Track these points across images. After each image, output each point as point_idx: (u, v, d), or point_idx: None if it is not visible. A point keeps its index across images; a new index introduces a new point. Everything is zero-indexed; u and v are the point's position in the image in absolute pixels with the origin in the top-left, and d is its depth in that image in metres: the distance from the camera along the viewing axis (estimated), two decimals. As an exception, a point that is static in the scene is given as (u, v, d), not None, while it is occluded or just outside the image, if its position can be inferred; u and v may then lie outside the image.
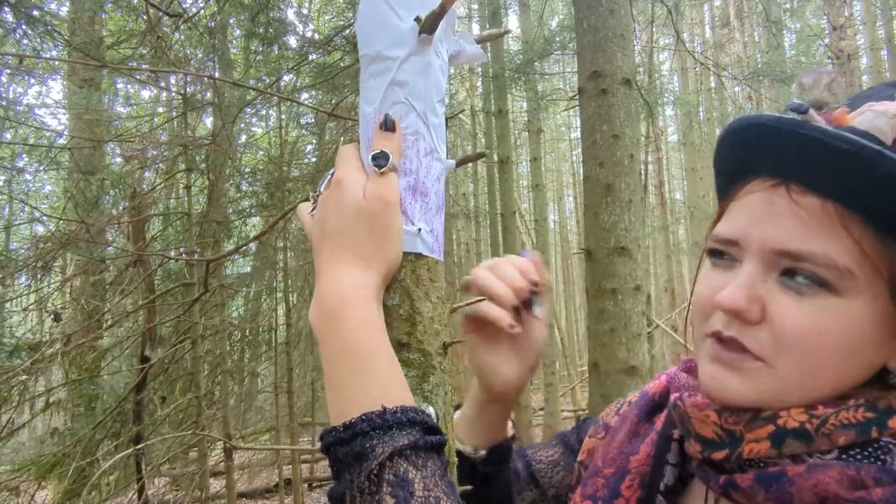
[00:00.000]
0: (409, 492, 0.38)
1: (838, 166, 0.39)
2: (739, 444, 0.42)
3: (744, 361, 0.42)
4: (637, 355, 2.60)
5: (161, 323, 3.77)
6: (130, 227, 3.46)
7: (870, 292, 0.40)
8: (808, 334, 0.40)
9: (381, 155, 0.47)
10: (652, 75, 9.73)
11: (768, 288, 0.42)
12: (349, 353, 0.43)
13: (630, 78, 2.68)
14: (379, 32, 0.47)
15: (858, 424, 0.40)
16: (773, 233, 0.41)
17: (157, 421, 4.08)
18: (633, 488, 0.50)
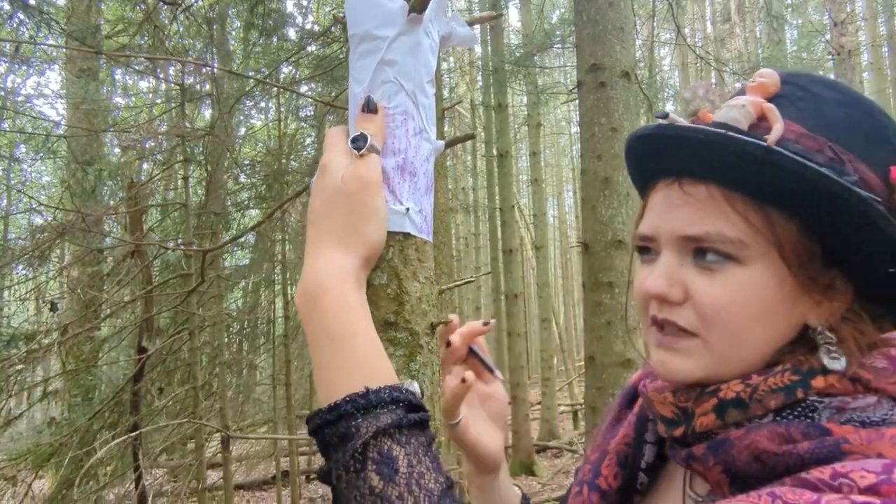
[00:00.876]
0: (394, 469, 0.39)
1: (704, 154, 0.45)
2: (692, 419, 0.46)
3: (681, 341, 0.47)
4: (633, 349, 2.61)
5: (158, 313, 3.77)
6: (128, 217, 3.45)
7: (766, 257, 0.45)
8: (724, 304, 0.45)
9: (360, 137, 0.47)
10: (653, 70, 9.70)
11: (685, 270, 0.47)
12: (329, 337, 0.44)
13: (629, 71, 2.68)
14: (368, 12, 0.47)
15: (785, 388, 0.44)
16: (675, 222, 0.47)
17: (155, 411, 4.09)
18: (610, 466, 0.53)
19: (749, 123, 0.46)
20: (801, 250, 0.45)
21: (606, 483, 0.53)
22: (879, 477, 0.37)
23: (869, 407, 0.43)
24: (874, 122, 0.47)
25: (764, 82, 0.48)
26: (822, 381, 0.44)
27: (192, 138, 3.78)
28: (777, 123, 0.45)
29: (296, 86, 6.24)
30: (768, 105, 0.46)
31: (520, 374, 8.12)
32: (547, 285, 9.84)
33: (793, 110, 0.46)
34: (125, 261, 3.74)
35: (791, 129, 0.45)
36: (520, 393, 7.94)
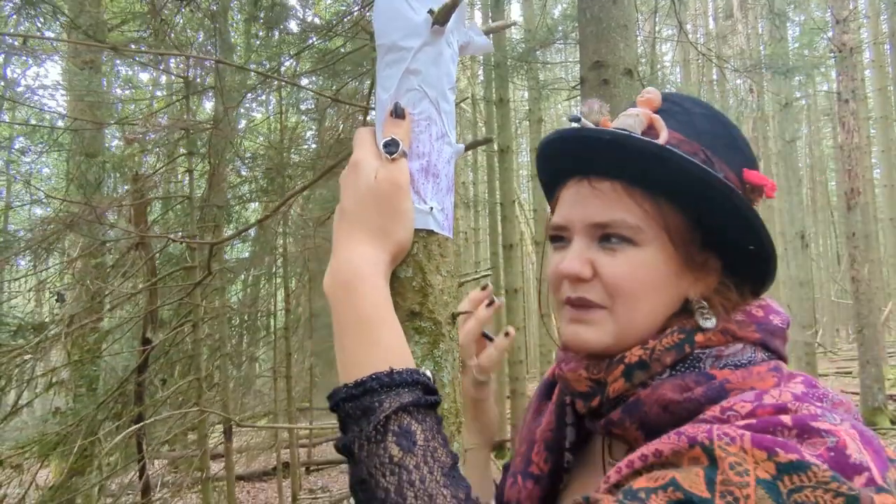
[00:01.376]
0: (412, 441, 0.43)
1: (608, 152, 0.54)
2: (605, 388, 0.54)
3: (591, 313, 0.55)
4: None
5: (162, 306, 3.80)
6: (132, 210, 3.48)
7: (657, 240, 0.54)
8: (624, 277, 0.54)
9: (391, 142, 0.51)
10: (654, 66, 9.70)
11: (593, 252, 0.55)
12: (360, 322, 0.48)
13: (632, 68, 2.70)
14: (395, 24, 0.50)
15: (676, 345, 0.53)
16: (585, 212, 0.55)
17: (158, 402, 4.13)
18: (540, 453, 0.60)
19: (641, 130, 0.55)
20: (684, 234, 0.54)
21: (538, 468, 0.59)
22: (754, 403, 0.46)
23: (737, 352, 0.53)
24: (729, 132, 0.58)
25: (650, 98, 0.58)
26: (702, 336, 0.53)
27: (196, 131, 3.80)
28: (663, 130, 0.55)
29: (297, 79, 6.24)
30: (656, 116, 0.56)
31: (519, 368, 8.17)
32: (546, 280, 9.84)
33: (672, 121, 0.56)
34: (129, 253, 3.76)
35: (673, 136, 0.55)
36: (518, 387, 8.00)
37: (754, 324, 0.55)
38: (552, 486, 0.59)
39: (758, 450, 0.42)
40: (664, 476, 0.43)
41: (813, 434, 0.43)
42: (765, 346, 0.55)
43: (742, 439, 0.43)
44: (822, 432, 0.43)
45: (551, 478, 0.59)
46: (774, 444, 0.42)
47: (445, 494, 0.42)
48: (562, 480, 0.59)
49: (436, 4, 0.50)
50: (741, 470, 0.41)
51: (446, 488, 0.42)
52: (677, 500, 0.41)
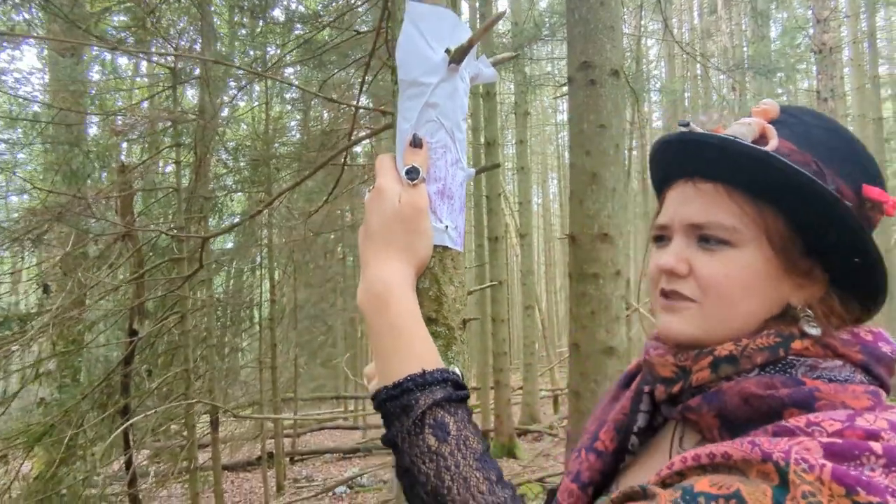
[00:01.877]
0: (446, 432, 0.50)
1: (716, 156, 0.56)
2: (689, 375, 0.55)
3: (681, 304, 0.57)
4: (615, 337, 2.72)
5: (151, 297, 3.79)
6: (119, 201, 3.45)
7: (756, 241, 0.55)
8: (719, 278, 0.55)
9: (412, 170, 0.58)
10: (640, 61, 9.80)
11: (691, 252, 0.57)
12: (393, 330, 0.54)
13: (618, 69, 2.76)
14: (416, 62, 0.56)
15: (769, 347, 0.53)
16: (686, 212, 0.57)
17: (144, 393, 4.13)
18: (609, 432, 0.63)
19: (752, 138, 0.57)
20: (784, 239, 0.55)
21: (603, 445, 0.62)
22: (844, 424, 0.46)
23: (836, 368, 0.52)
24: (850, 147, 0.58)
25: (766, 108, 0.60)
26: (800, 344, 0.53)
27: (182, 122, 3.77)
28: (773, 139, 0.56)
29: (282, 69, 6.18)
30: (769, 125, 0.57)
31: (502, 359, 8.28)
32: (531, 273, 9.99)
33: (786, 132, 0.58)
34: (115, 244, 3.74)
35: (784, 145, 0.56)
36: (502, 378, 8.11)
37: (860, 345, 0.54)
38: (614, 464, 0.61)
39: (837, 484, 0.41)
40: (729, 485, 0.43)
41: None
42: (867, 370, 0.53)
43: (822, 470, 0.42)
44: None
45: (614, 456, 0.62)
46: (857, 482, 0.41)
47: (478, 476, 0.49)
48: (623, 460, 0.62)
49: (451, 44, 0.56)
50: (814, 501, 0.41)
51: (479, 471, 0.49)
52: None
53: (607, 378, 2.73)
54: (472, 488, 0.48)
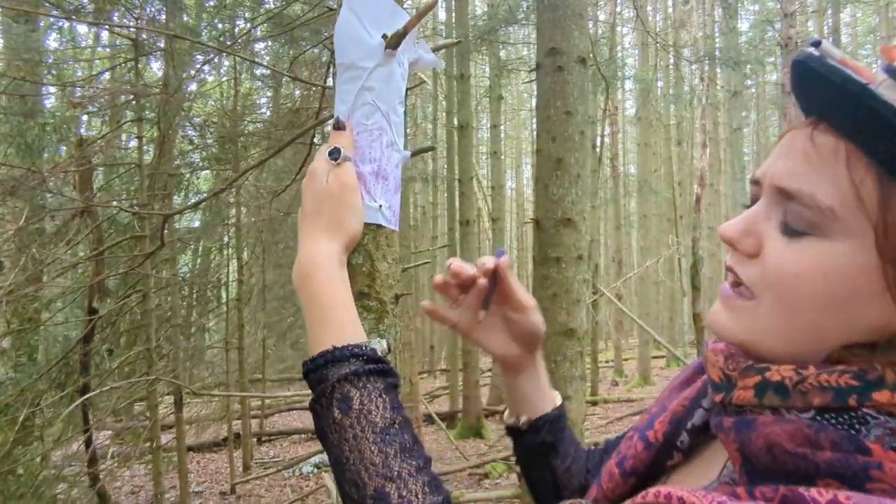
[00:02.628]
0: (349, 405, 0.52)
1: (839, 101, 0.39)
2: (732, 389, 0.44)
3: (737, 299, 0.44)
4: (576, 319, 2.80)
5: (110, 275, 3.71)
6: (77, 176, 3.35)
7: (857, 238, 0.39)
8: (787, 274, 0.40)
9: (335, 150, 0.59)
10: (613, 49, 9.87)
11: (769, 225, 0.43)
12: (316, 306, 0.57)
13: (585, 57, 2.79)
14: (353, 46, 0.58)
15: (837, 389, 0.39)
16: (780, 170, 0.42)
17: (105, 373, 4.06)
18: (664, 422, 0.54)
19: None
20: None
21: (655, 436, 0.54)
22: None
23: None
24: None
25: None
26: (889, 395, 0.38)
27: (145, 96, 3.67)
28: None
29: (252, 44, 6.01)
30: None
31: (472, 341, 8.39)
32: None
33: None
34: (73, 220, 3.64)
35: None
36: (471, 360, 8.22)
37: None
38: (661, 457, 0.53)
39: None
40: None
41: None
42: None
43: None
44: None
45: (662, 449, 0.53)
46: None
47: (373, 450, 0.50)
48: (672, 457, 0.53)
49: (389, 30, 0.58)
50: None
51: (374, 444, 0.51)
52: None
53: (566, 359, 2.81)
54: (365, 460, 0.50)
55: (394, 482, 0.49)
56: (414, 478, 0.49)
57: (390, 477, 0.49)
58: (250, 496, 5.95)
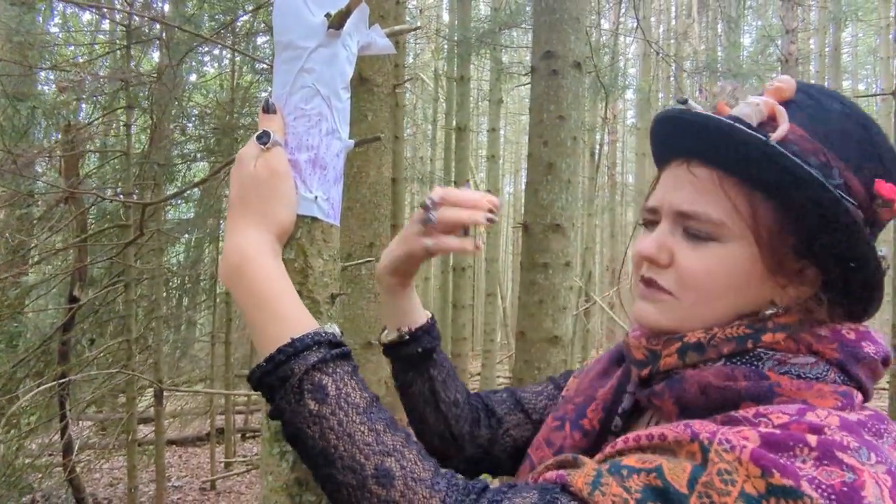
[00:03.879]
0: (325, 393, 0.49)
1: (712, 140, 0.52)
2: (658, 359, 0.55)
3: (659, 294, 0.55)
4: (561, 326, 2.77)
5: (92, 263, 3.66)
6: (63, 161, 3.30)
7: (743, 239, 0.51)
8: (699, 273, 0.52)
9: (264, 134, 0.55)
10: (615, 57, 9.87)
11: (676, 240, 0.54)
12: (256, 301, 0.52)
13: (581, 62, 2.76)
14: (292, 24, 0.53)
15: (738, 337, 0.52)
16: (675, 198, 0.54)
17: (85, 362, 4.00)
18: (596, 411, 0.61)
19: (759, 121, 0.52)
20: (775, 238, 0.51)
21: (590, 424, 0.61)
22: (792, 417, 0.44)
23: (807, 364, 0.50)
24: (869, 137, 0.53)
25: (781, 87, 0.54)
26: (771, 336, 0.51)
27: (136, 84, 3.62)
28: (783, 124, 0.51)
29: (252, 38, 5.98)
30: (779, 107, 0.52)
31: (462, 345, 8.34)
32: (496, 261, 10.05)
33: (801, 116, 0.52)
34: (58, 206, 3.58)
35: (794, 131, 0.51)
36: (461, 363, 8.18)
37: (838, 342, 0.51)
38: (597, 443, 0.60)
39: (753, 465, 0.41)
40: (653, 461, 0.44)
41: (833, 463, 0.41)
42: (843, 369, 0.50)
43: (742, 450, 0.42)
44: (844, 465, 0.41)
45: (599, 435, 0.60)
46: (774, 464, 0.41)
47: (362, 429, 0.48)
48: (607, 441, 0.59)
49: (333, 8, 0.53)
50: (728, 479, 0.41)
51: (362, 424, 0.48)
52: (654, 487, 0.43)
53: (550, 366, 2.77)
54: (357, 442, 0.48)
55: (391, 455, 0.48)
56: (408, 448, 0.49)
57: (387, 452, 0.48)
58: (230, 492, 5.88)
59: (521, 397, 0.77)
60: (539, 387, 0.78)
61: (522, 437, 0.74)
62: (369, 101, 1.66)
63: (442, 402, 0.72)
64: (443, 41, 10.22)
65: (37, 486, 3.78)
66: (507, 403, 0.76)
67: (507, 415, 0.75)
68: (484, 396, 0.78)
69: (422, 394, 0.72)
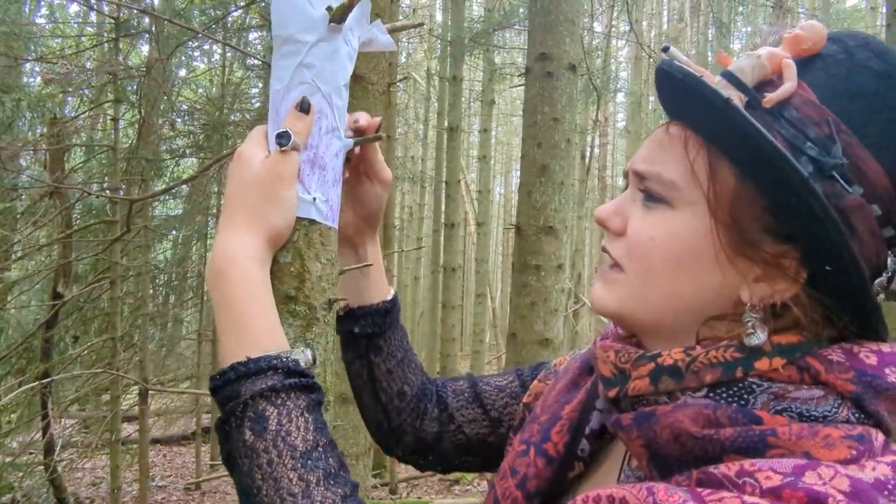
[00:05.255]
0: (263, 426, 0.44)
1: (681, 96, 0.45)
2: (626, 381, 0.45)
3: (610, 273, 0.48)
4: (552, 329, 2.77)
5: (77, 260, 3.59)
6: (48, 155, 3.24)
7: (696, 206, 0.43)
8: (643, 239, 0.45)
9: (284, 134, 0.51)
10: (608, 60, 9.91)
11: (634, 206, 0.47)
12: (229, 308, 0.49)
13: (575, 64, 2.76)
14: (292, 16, 0.51)
15: (725, 363, 0.41)
16: (638, 156, 0.48)
17: (68, 360, 3.93)
18: (562, 433, 0.52)
19: (760, 77, 0.43)
20: (736, 209, 0.42)
21: (555, 449, 0.52)
22: (786, 479, 0.35)
23: (812, 399, 0.40)
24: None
25: (800, 35, 0.44)
26: (767, 363, 0.41)
27: (125, 77, 3.56)
28: (787, 82, 0.42)
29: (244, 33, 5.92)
30: (787, 62, 0.43)
31: (451, 345, 8.34)
32: (486, 262, 10.05)
33: (820, 74, 0.43)
34: (42, 201, 3.52)
35: (800, 94, 0.42)
36: (449, 364, 8.17)
37: (854, 370, 0.40)
38: (562, 470, 0.52)
39: None
40: None
41: None
42: (859, 404, 0.39)
43: None
44: None
45: (563, 461, 0.52)
46: None
47: (292, 477, 0.43)
48: (573, 468, 0.52)
49: (334, 1, 0.51)
50: None
51: (294, 471, 0.43)
52: None
53: (541, 369, 2.77)
54: (281, 490, 0.43)
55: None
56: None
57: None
58: (216, 493, 5.82)
59: (481, 391, 0.70)
60: (503, 380, 0.71)
61: (476, 434, 0.68)
62: (364, 100, 1.64)
63: (382, 391, 0.68)
64: (436, 41, 10.19)
65: (17, 485, 3.70)
66: (464, 396, 0.70)
67: (463, 409, 0.69)
68: (440, 386, 0.72)
69: (360, 376, 0.68)
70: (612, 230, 0.48)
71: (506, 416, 0.68)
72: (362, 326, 0.66)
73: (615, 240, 0.48)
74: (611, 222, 0.48)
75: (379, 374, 0.67)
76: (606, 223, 0.48)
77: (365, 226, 0.66)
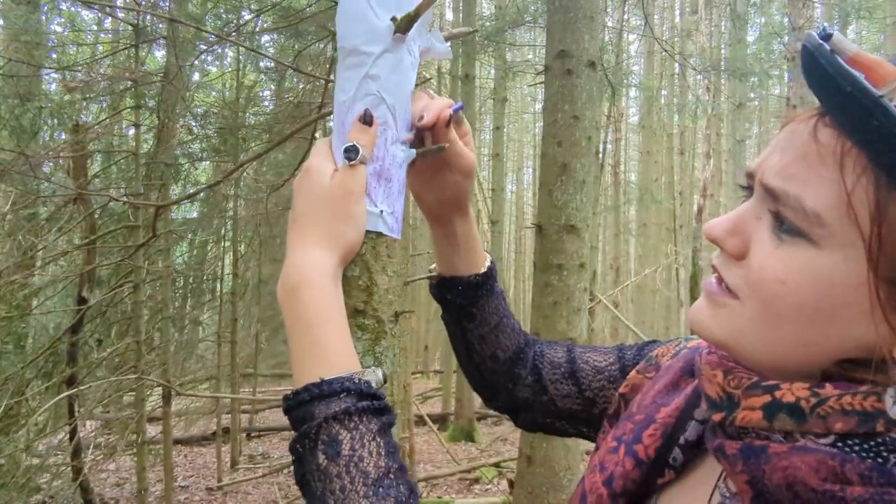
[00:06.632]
0: (337, 451, 0.44)
1: (847, 106, 0.34)
2: (735, 409, 0.40)
3: (721, 296, 0.41)
4: (576, 328, 2.74)
5: (101, 265, 3.64)
6: (71, 161, 3.28)
7: (849, 249, 0.35)
8: (771, 280, 0.37)
9: (352, 148, 0.51)
10: (620, 55, 9.82)
11: (760, 226, 0.39)
12: (303, 327, 0.49)
13: (595, 61, 2.74)
14: (357, 28, 0.51)
15: (863, 413, 0.35)
16: (772, 163, 0.38)
17: (93, 363, 3.99)
18: (654, 437, 0.49)
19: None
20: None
21: (645, 453, 0.49)
22: None
23: None
24: None
25: None
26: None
27: (144, 84, 3.60)
28: None
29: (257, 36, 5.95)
30: None
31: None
32: (500, 260, 10.03)
33: None
34: (66, 207, 3.57)
35: None
36: (465, 363, 8.17)
37: None
38: (651, 475, 0.49)
39: None
40: None
41: None
42: None
43: None
44: None
45: (653, 466, 0.48)
46: None
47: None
48: (663, 475, 0.48)
49: (399, 12, 0.51)
50: None
51: (366, 499, 0.43)
52: None
53: (564, 369, 2.76)
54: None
55: None
56: None
57: None
58: (237, 492, 5.87)
59: (578, 368, 0.66)
60: (603, 360, 0.66)
61: (568, 408, 0.66)
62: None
63: (475, 353, 0.68)
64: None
65: (46, 487, 3.77)
66: (560, 370, 0.67)
67: (557, 383, 0.66)
68: (538, 354, 0.69)
69: (455, 337, 0.69)
70: (728, 252, 0.40)
71: (601, 399, 0.65)
72: (453, 296, 0.66)
73: (731, 264, 0.40)
74: (727, 244, 0.40)
75: (472, 339, 0.67)
76: (721, 244, 0.40)
77: (451, 207, 0.64)
